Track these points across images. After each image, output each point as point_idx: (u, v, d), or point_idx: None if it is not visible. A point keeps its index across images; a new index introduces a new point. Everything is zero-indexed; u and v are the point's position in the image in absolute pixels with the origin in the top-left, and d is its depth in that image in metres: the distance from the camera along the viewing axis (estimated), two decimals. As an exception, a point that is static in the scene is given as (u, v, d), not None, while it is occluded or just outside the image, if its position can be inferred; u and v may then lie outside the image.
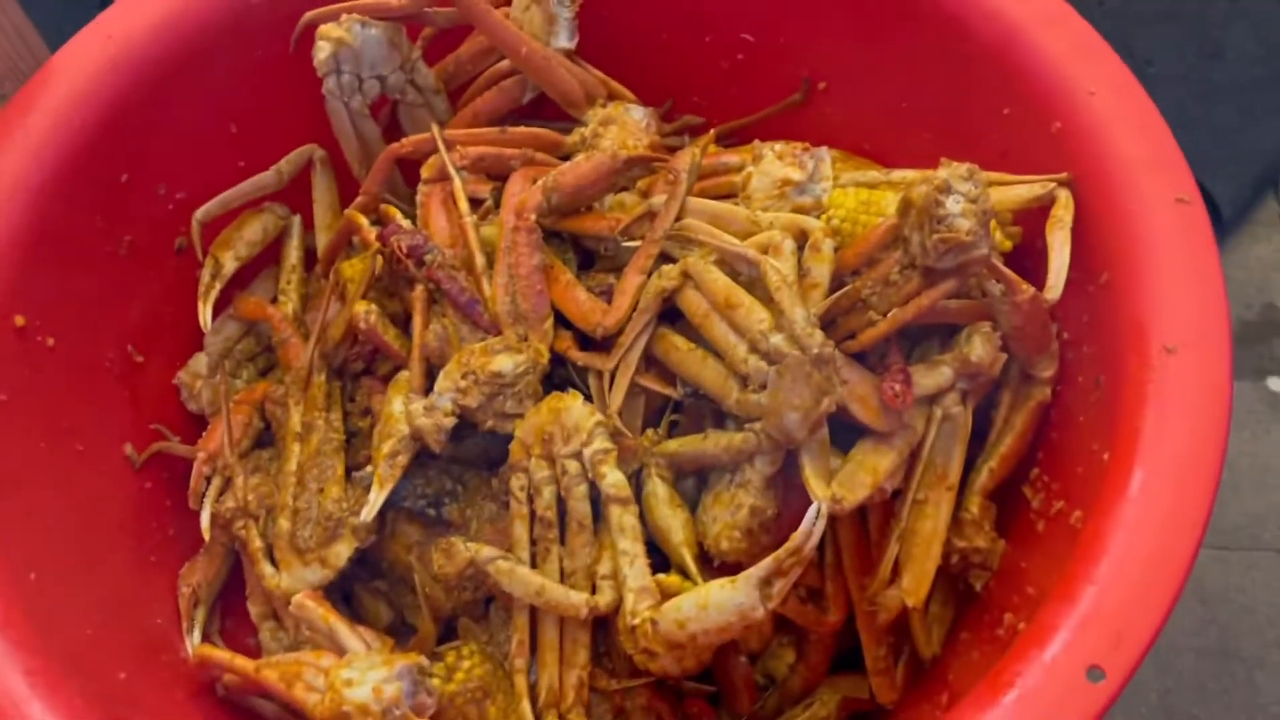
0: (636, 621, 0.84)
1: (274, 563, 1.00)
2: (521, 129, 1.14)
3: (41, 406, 0.95)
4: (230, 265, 1.15)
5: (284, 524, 1.00)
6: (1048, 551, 0.84)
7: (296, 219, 1.21)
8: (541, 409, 0.93)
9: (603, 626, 0.93)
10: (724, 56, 1.22)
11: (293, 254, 1.20)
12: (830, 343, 0.82)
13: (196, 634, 1.02)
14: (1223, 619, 1.67)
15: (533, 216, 1.02)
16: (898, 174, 1.03)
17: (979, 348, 0.89)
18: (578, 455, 0.91)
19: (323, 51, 1.10)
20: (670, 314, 0.96)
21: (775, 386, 0.83)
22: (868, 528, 0.95)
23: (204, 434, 1.10)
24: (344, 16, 1.11)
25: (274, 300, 1.19)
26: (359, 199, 1.14)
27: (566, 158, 1.15)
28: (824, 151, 1.04)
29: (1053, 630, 0.71)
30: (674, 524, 0.90)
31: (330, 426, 1.05)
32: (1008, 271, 0.88)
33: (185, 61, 1.08)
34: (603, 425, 0.92)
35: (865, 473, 0.86)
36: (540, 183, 1.03)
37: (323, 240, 1.21)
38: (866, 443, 0.88)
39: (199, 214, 1.13)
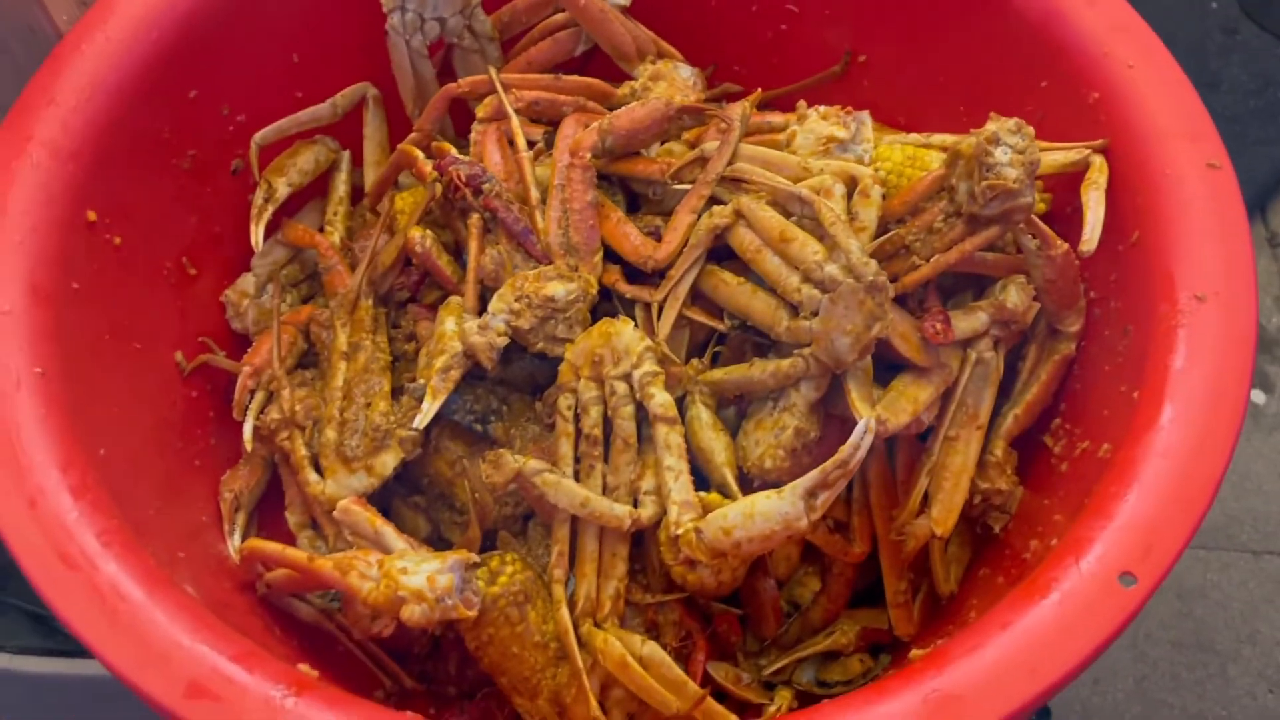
0: (680, 531, 0.88)
1: (319, 471, 1.03)
2: (574, 78, 1.18)
3: (108, 300, 0.98)
4: (283, 190, 1.18)
5: (331, 434, 1.03)
6: (1073, 487, 0.89)
7: (346, 154, 1.24)
8: (592, 333, 0.97)
9: (638, 544, 0.97)
10: (768, 26, 1.27)
11: (341, 186, 1.23)
12: (883, 273, 0.87)
13: (238, 536, 1.04)
14: (1198, 613, 1.73)
15: (588, 155, 1.07)
16: (937, 138, 1.08)
17: (1014, 296, 0.94)
18: (626, 377, 0.95)
19: (390, -12, 1.14)
20: (716, 255, 1.01)
21: (828, 312, 0.88)
22: (894, 466, 1.00)
23: (250, 350, 1.13)
24: (411, -41, 1.15)
25: (320, 230, 1.22)
26: (412, 135, 1.18)
27: (615, 109, 1.21)
28: (865, 115, 1.09)
29: (1087, 542, 0.76)
30: (716, 446, 0.94)
31: (377, 347, 1.09)
32: (1044, 226, 0.94)
33: (255, -12, 1.12)
34: (651, 350, 0.96)
35: (906, 401, 0.90)
36: (596, 125, 1.08)
37: (371, 176, 1.25)
38: (906, 376, 0.92)
39: (257, 137, 1.16)
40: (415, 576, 0.85)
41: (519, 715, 0.95)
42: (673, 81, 1.20)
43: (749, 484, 0.93)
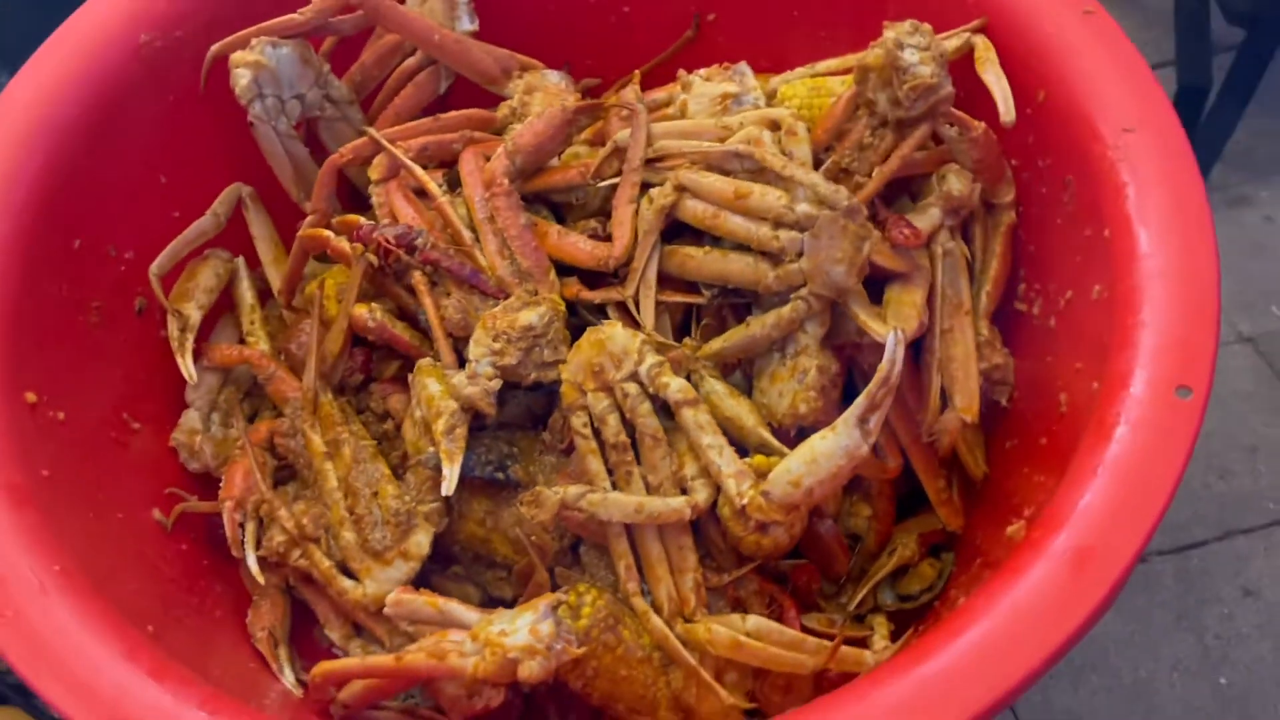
0: (745, 501, 0.88)
1: (350, 576, 0.98)
2: (453, 114, 1.16)
3: (78, 478, 0.91)
4: (195, 315, 1.12)
5: (349, 535, 0.99)
6: (1079, 333, 0.93)
7: (240, 260, 1.19)
8: (582, 346, 0.96)
9: (695, 532, 0.97)
10: (610, 11, 1.28)
11: (247, 294, 1.18)
12: (853, 195, 0.90)
13: (288, 670, 0.99)
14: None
15: (505, 180, 1.05)
16: (823, 65, 1.11)
17: (955, 183, 0.99)
18: (633, 376, 0.95)
19: (243, 78, 1.10)
20: (666, 236, 1.02)
21: (814, 248, 0.90)
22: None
23: (223, 484, 1.06)
24: (253, 41, 1.11)
25: (241, 342, 1.16)
26: (309, 219, 1.13)
27: (499, 133, 1.20)
28: (743, 65, 1.12)
29: (1128, 372, 0.80)
30: (741, 411, 0.95)
31: (357, 437, 1.04)
32: (959, 113, 0.98)
33: (101, 119, 1.06)
34: (648, 342, 0.96)
35: (908, 307, 0.93)
36: (501, 150, 1.07)
37: (274, 274, 1.20)
38: (894, 286, 0.95)
39: (153, 269, 1.09)
40: (518, 634, 0.83)
41: (641, 739, 0.94)
42: (547, 89, 1.19)
43: (783, 437, 0.94)
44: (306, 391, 1.06)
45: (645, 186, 1.03)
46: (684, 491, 0.94)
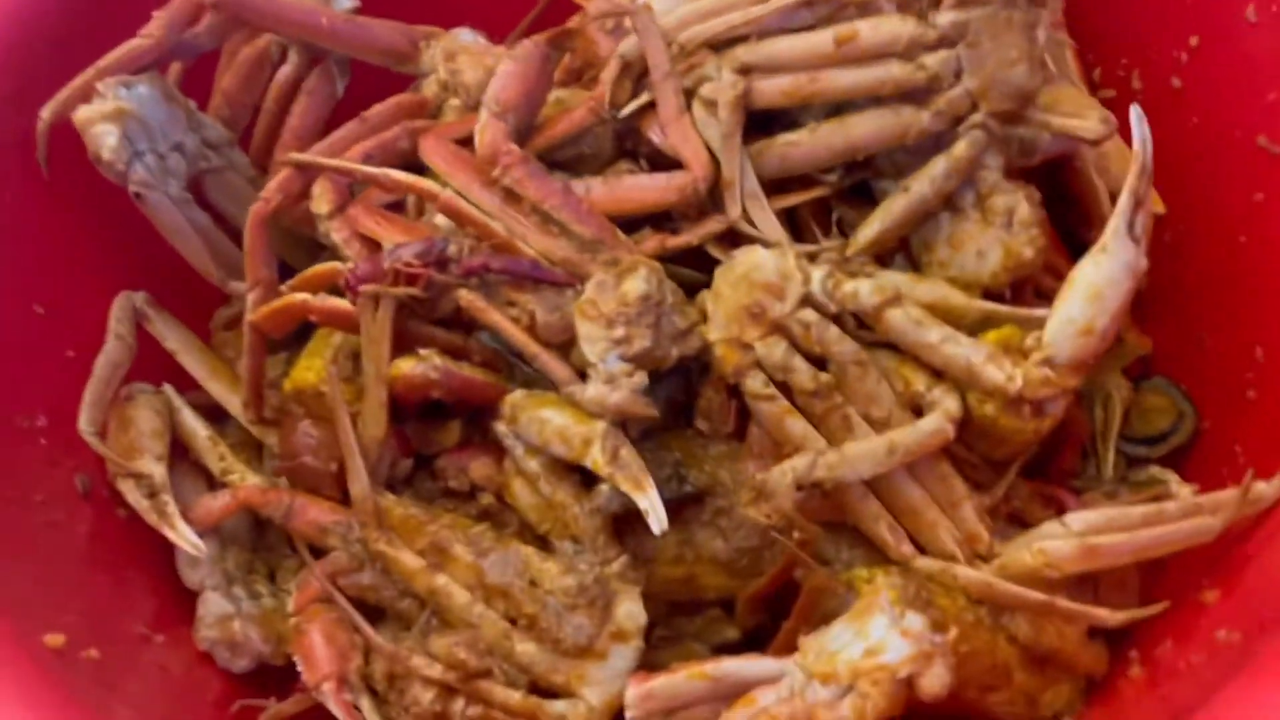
0: (1022, 381, 0.70)
1: (561, 694, 0.72)
2: (378, 109, 0.91)
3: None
4: (160, 470, 0.81)
5: (528, 648, 0.72)
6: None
7: (168, 388, 0.87)
8: (722, 293, 0.75)
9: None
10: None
11: (197, 425, 0.87)
12: (996, -17, 0.73)
13: None
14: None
15: (513, 146, 0.81)
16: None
17: None
18: (806, 300, 0.74)
19: (109, 137, 0.80)
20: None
21: (976, 59, 0.73)
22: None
23: (302, 667, 0.76)
24: (98, 87, 0.81)
25: (214, 487, 0.85)
26: (255, 292, 0.84)
27: (434, 116, 0.95)
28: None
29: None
30: (943, 291, 0.77)
31: (460, 528, 0.78)
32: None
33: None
34: (802, 256, 0.76)
35: (1075, 103, 0.78)
36: (487, 116, 0.83)
37: (220, 388, 0.89)
38: (1059, 90, 0.79)
39: (83, 425, 0.78)
40: (889, 647, 0.61)
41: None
42: (469, 51, 0.96)
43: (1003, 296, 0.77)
44: (363, 502, 0.78)
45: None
46: (920, 413, 0.74)
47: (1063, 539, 0.71)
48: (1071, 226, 0.89)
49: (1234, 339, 0.82)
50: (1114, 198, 0.84)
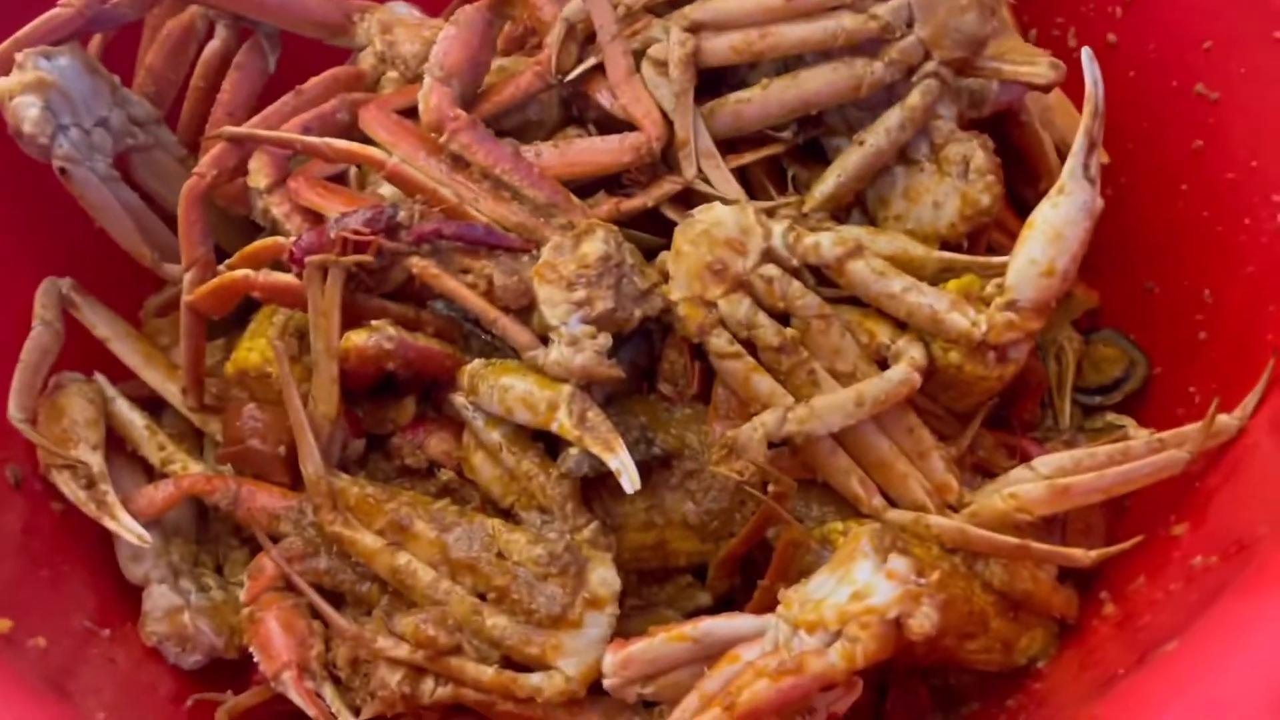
0: (990, 326, 0.71)
1: (531, 667, 0.70)
2: (314, 82, 0.88)
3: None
4: (97, 459, 0.77)
5: (499, 620, 0.70)
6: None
7: (100, 377, 0.83)
8: (682, 251, 0.74)
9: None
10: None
11: (133, 415, 0.83)
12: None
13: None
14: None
15: (459, 111, 0.79)
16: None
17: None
18: (767, 255, 0.73)
19: (30, 109, 0.75)
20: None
21: (927, 4, 0.73)
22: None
23: (260, 657, 0.72)
24: (17, 59, 0.76)
25: (155, 478, 0.81)
26: (192, 272, 0.81)
27: (372, 90, 0.92)
28: None
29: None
30: (901, 243, 0.77)
31: (419, 505, 0.75)
32: None
33: None
34: (761, 212, 0.75)
35: (1023, 51, 0.78)
36: (430, 81, 0.81)
37: (156, 375, 0.85)
38: (1004, 41, 0.79)
39: (12, 412, 0.74)
40: (877, 590, 0.61)
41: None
42: (405, 23, 0.93)
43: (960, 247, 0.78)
44: (316, 483, 0.75)
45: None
46: (885, 366, 0.74)
47: (1032, 482, 0.72)
48: (1014, 185, 0.90)
49: (1181, 284, 0.83)
50: (1060, 150, 0.86)
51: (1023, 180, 0.90)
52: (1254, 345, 0.73)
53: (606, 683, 0.68)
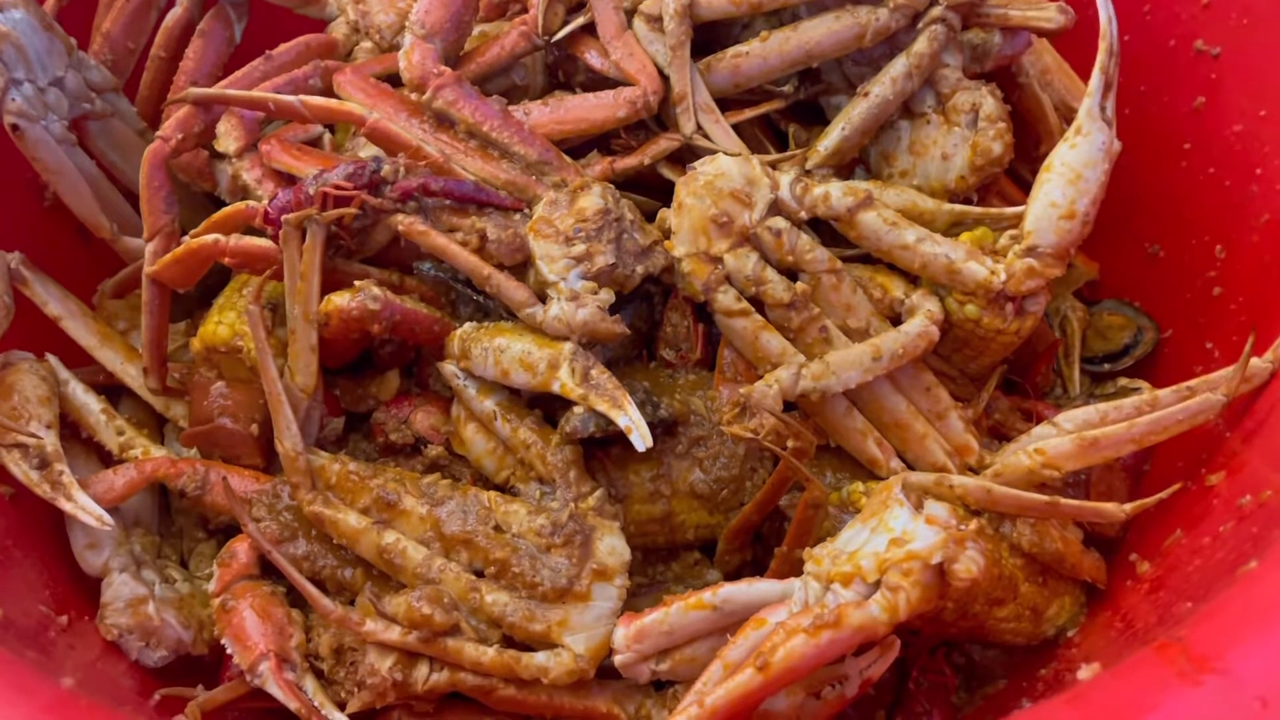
0: (1009, 274, 0.68)
1: (539, 646, 0.64)
2: (286, 47, 0.84)
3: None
4: (51, 439, 0.70)
5: (499, 596, 0.64)
6: None
7: (52, 359, 0.77)
8: (685, 204, 0.70)
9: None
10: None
11: (88, 399, 0.76)
12: None
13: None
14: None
15: (444, 68, 0.76)
16: None
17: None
18: (773, 207, 0.70)
19: (-20, 61, 0.70)
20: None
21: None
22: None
23: (234, 650, 0.66)
24: (-35, 9, 0.71)
25: (113, 463, 0.75)
26: (155, 241, 0.75)
27: (346, 57, 0.88)
28: None
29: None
30: (910, 196, 0.74)
31: (407, 480, 0.69)
32: None
33: None
34: (767, 163, 0.72)
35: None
36: (411, 39, 0.77)
37: (114, 355, 0.79)
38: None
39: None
40: (917, 535, 0.57)
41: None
42: (377, -8, 0.89)
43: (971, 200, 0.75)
44: (294, 461, 0.69)
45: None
46: (898, 322, 0.71)
47: (1058, 437, 0.68)
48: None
49: (1189, 243, 0.81)
50: (1060, 110, 0.84)
51: (1019, 156, 0.88)
52: (1276, 290, 0.71)
53: (618, 659, 0.63)
